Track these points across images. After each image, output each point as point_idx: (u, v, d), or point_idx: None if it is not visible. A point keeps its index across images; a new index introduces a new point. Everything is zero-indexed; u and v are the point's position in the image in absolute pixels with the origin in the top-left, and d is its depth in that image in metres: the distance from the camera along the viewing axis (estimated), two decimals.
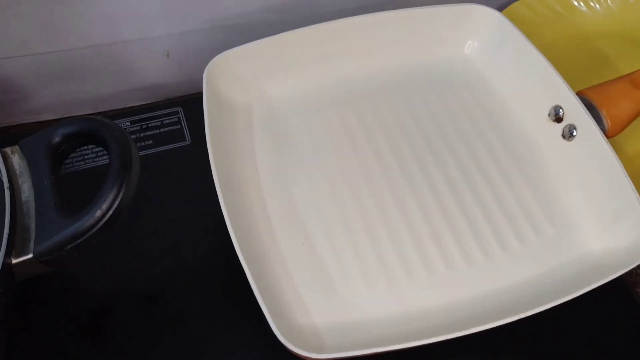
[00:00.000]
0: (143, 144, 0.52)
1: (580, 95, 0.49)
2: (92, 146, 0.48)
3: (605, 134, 0.47)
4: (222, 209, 0.41)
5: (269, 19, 0.55)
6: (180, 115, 0.53)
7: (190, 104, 0.53)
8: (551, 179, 0.49)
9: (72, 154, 0.42)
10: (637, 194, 0.44)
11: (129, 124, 0.53)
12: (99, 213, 0.35)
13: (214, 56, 0.48)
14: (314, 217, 0.46)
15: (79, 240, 0.35)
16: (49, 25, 0.50)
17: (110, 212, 0.35)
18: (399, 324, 0.42)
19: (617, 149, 0.51)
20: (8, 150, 0.39)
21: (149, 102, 0.57)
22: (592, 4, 0.63)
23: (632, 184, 0.44)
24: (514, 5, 0.61)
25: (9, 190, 0.36)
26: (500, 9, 0.58)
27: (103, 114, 0.56)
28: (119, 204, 0.35)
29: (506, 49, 0.52)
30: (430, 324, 0.42)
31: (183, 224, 0.47)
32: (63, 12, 0.49)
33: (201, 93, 0.47)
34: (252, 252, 0.42)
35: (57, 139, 0.38)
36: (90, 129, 0.38)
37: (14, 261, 0.35)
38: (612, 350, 0.45)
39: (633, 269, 0.42)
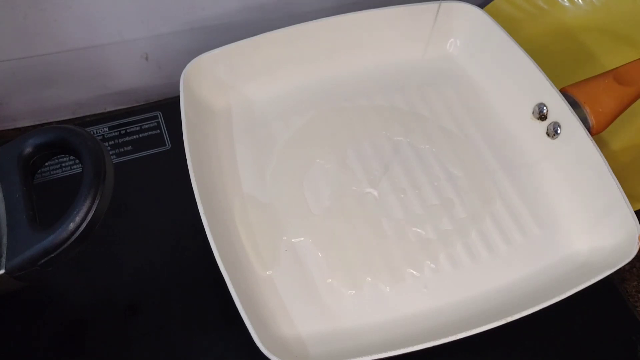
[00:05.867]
0: (122, 149, 0.51)
1: (564, 92, 0.48)
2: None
3: (589, 131, 0.47)
4: (202, 216, 0.41)
5: (247, 19, 0.54)
6: (159, 119, 0.52)
7: (169, 108, 0.52)
8: (536, 177, 0.48)
9: (48, 162, 0.41)
10: (623, 192, 0.43)
11: (107, 129, 0.52)
12: (72, 226, 0.34)
13: (193, 58, 0.48)
14: (296, 223, 0.45)
15: (52, 255, 0.34)
16: (23, 30, 0.49)
17: (84, 225, 0.34)
18: (386, 330, 0.41)
19: (603, 145, 0.51)
20: None
21: (128, 106, 0.56)
22: None
23: (617, 181, 0.44)
24: (496, 2, 0.60)
25: None
26: (482, 5, 0.58)
27: (81, 119, 0.55)
28: (92, 215, 0.34)
29: (489, 47, 0.52)
30: (417, 329, 0.41)
31: (163, 232, 0.47)
32: (36, 17, 0.48)
33: None
34: (233, 260, 0.41)
35: (28, 150, 0.37)
36: (63, 139, 0.37)
37: None
38: (599, 347, 0.44)
39: None
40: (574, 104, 0.48)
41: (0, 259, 0.35)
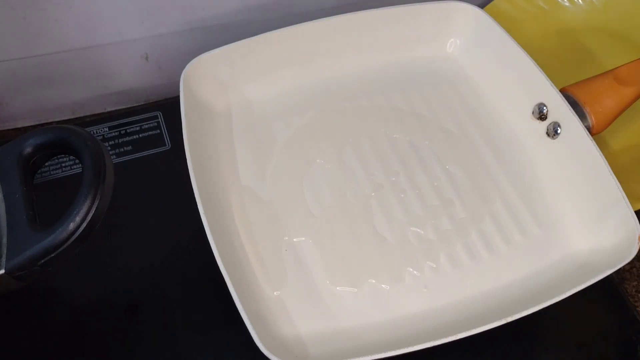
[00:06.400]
0: (122, 149, 0.51)
1: (564, 92, 0.49)
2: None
3: (589, 131, 0.47)
4: (202, 216, 0.40)
5: (247, 19, 0.54)
6: (159, 119, 0.52)
7: (169, 108, 0.52)
8: (536, 177, 0.48)
9: (48, 162, 0.41)
10: (623, 192, 0.43)
11: (107, 129, 0.52)
12: (72, 226, 0.34)
13: (193, 58, 0.48)
14: (296, 223, 0.45)
15: (52, 255, 0.34)
16: (23, 30, 0.49)
17: (84, 225, 0.34)
18: (386, 330, 0.41)
19: (603, 145, 0.51)
20: None
21: (128, 106, 0.56)
22: None
23: (617, 181, 0.44)
24: (496, 2, 0.60)
25: None
26: (482, 5, 0.58)
27: (81, 119, 0.55)
28: (92, 215, 0.34)
29: (489, 47, 0.52)
30: (417, 329, 0.41)
31: (163, 232, 0.47)
32: (36, 17, 0.48)
33: None
34: (233, 260, 0.41)
35: (28, 150, 0.37)
36: (63, 139, 0.37)
37: None
38: (599, 347, 0.44)
39: None
40: (574, 104, 0.48)
41: (0, 259, 0.35)
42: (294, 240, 0.44)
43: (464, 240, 0.45)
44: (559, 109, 0.48)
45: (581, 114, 0.47)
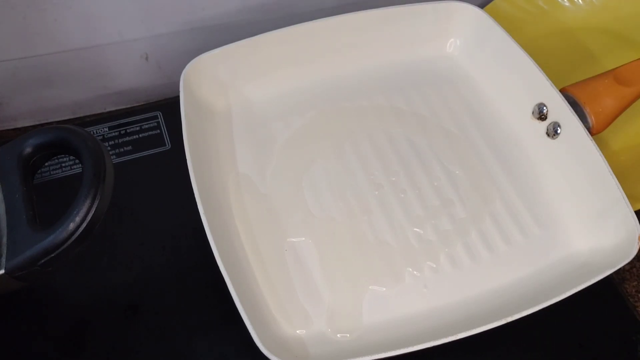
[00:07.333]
0: (122, 149, 0.51)
1: (564, 92, 0.49)
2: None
3: (589, 131, 0.47)
4: (202, 216, 0.40)
5: (247, 19, 0.54)
6: (159, 119, 0.52)
7: (169, 108, 0.53)
8: (536, 177, 0.48)
9: (48, 162, 0.41)
10: (623, 192, 0.43)
11: (107, 129, 0.52)
12: (72, 226, 0.34)
13: (193, 58, 0.48)
14: (296, 223, 0.45)
15: (52, 255, 0.34)
16: (23, 30, 0.49)
17: (84, 225, 0.34)
18: (386, 330, 0.41)
19: (603, 145, 0.51)
20: None
21: (128, 106, 0.56)
22: None
23: (617, 181, 0.44)
24: (496, 2, 0.60)
25: None
26: (482, 5, 0.58)
27: (81, 119, 0.55)
28: (92, 215, 0.34)
29: (489, 47, 0.52)
30: (417, 329, 0.41)
31: (163, 232, 0.47)
32: (36, 17, 0.48)
33: None
34: (233, 260, 0.41)
35: (28, 150, 0.37)
36: (63, 139, 0.37)
37: None
38: (599, 347, 0.44)
39: None
40: (574, 104, 0.48)
41: (0, 259, 0.35)
42: (294, 240, 0.44)
43: (464, 240, 0.45)
44: (559, 109, 0.48)
45: (581, 114, 0.47)
